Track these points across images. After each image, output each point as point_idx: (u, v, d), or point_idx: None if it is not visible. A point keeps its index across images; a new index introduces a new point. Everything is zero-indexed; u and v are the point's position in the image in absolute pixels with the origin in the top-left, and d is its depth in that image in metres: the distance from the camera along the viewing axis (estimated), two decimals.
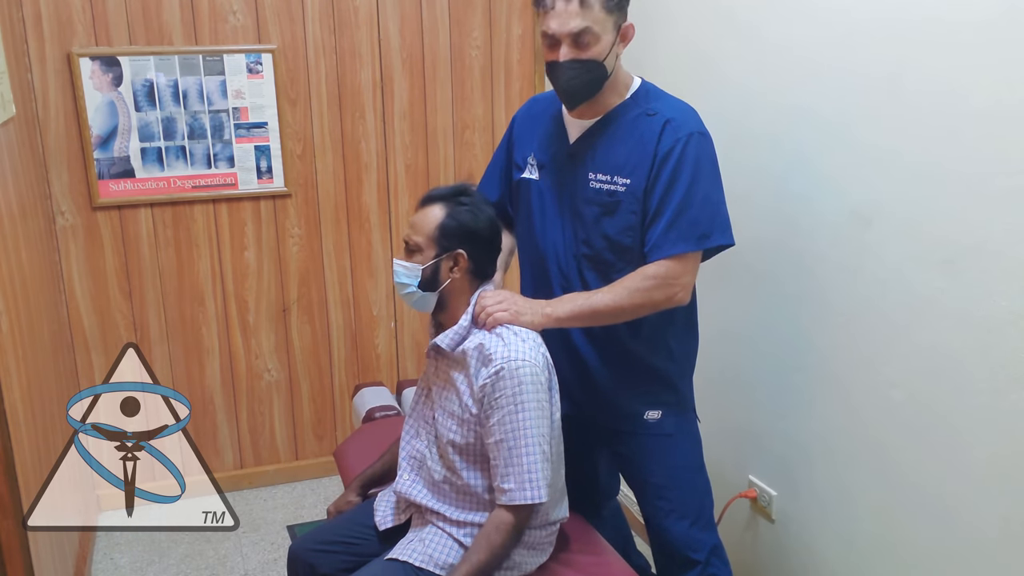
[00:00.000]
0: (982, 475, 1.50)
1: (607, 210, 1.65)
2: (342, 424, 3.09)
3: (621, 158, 1.63)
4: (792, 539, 2.02)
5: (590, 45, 1.54)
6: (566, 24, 1.54)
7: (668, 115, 1.60)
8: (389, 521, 1.73)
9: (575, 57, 1.56)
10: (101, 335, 2.76)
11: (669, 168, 1.57)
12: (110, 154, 2.65)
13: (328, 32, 2.79)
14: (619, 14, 1.56)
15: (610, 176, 1.64)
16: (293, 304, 2.95)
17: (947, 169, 1.50)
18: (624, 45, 1.60)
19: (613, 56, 1.59)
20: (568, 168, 1.70)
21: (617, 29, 1.57)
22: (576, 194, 1.69)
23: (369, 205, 2.95)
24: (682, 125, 1.59)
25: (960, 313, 1.50)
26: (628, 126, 1.63)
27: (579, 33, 1.54)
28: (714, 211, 1.60)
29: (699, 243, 1.58)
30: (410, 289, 1.60)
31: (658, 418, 1.75)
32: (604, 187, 1.64)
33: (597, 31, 1.54)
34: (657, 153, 1.58)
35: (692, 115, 1.63)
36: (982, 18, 1.41)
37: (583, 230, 1.70)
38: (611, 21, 1.55)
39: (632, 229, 1.64)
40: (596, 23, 1.53)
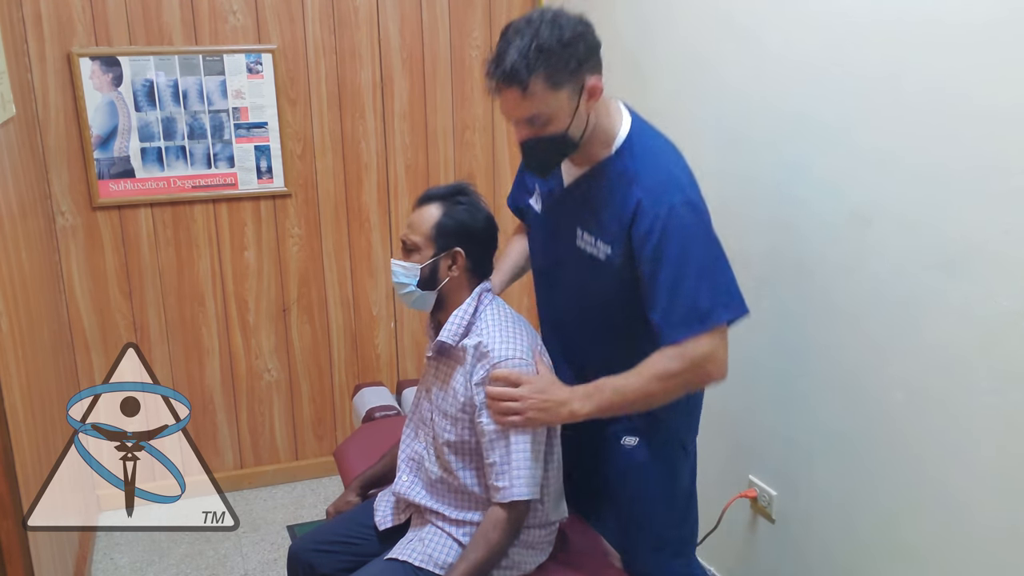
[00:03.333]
0: (984, 475, 1.49)
1: (590, 275, 1.58)
2: (342, 424, 3.10)
3: (604, 223, 1.53)
4: (792, 539, 2.01)
5: (547, 124, 1.44)
6: (513, 112, 1.45)
7: (646, 184, 1.47)
8: (389, 521, 1.73)
9: (533, 135, 1.47)
10: (101, 335, 2.76)
11: (650, 249, 1.45)
12: (110, 154, 2.65)
13: (328, 32, 2.79)
14: (573, 81, 1.42)
15: (594, 239, 1.55)
16: (293, 304, 2.95)
17: (947, 169, 1.50)
18: (595, 100, 1.47)
19: (580, 119, 1.47)
20: (562, 214, 1.64)
21: (578, 93, 1.44)
22: (567, 246, 1.62)
23: (369, 205, 2.95)
24: (659, 199, 1.44)
25: (961, 313, 1.50)
26: (611, 188, 1.52)
27: (529, 118, 1.44)
28: (712, 285, 1.46)
29: (702, 325, 1.44)
30: (409, 289, 1.61)
31: (633, 445, 1.66)
32: (588, 249, 1.57)
33: (549, 111, 1.42)
34: (635, 235, 1.46)
35: (672, 179, 1.48)
36: (982, 19, 1.41)
37: (571, 284, 1.66)
38: (563, 94, 1.42)
39: (610, 304, 1.57)
40: (545, 104, 1.41)
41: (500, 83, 1.42)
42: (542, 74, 1.39)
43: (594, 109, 1.49)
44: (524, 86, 1.40)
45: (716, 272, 1.47)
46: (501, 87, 1.43)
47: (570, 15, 1.44)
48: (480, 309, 1.63)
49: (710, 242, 1.47)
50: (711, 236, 1.48)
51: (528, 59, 1.38)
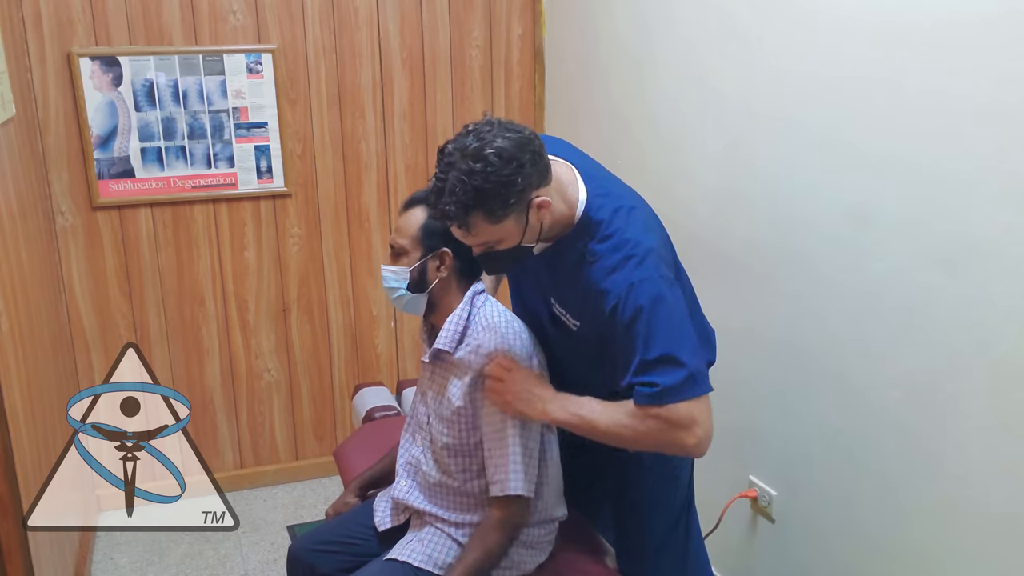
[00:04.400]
0: (983, 475, 1.49)
1: (566, 338, 1.58)
2: (342, 424, 3.09)
3: (571, 300, 1.53)
4: (793, 540, 2.01)
5: (499, 244, 1.44)
6: (464, 240, 1.46)
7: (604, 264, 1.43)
8: (388, 522, 1.73)
9: (488, 251, 1.47)
10: (101, 335, 2.76)
11: (620, 329, 1.41)
12: (110, 154, 2.65)
13: (328, 32, 2.78)
14: (516, 209, 1.39)
15: (566, 311, 1.56)
16: (293, 304, 2.95)
17: (946, 169, 1.49)
18: (546, 211, 1.43)
19: (533, 228, 1.45)
20: (535, 279, 1.63)
21: (524, 213, 1.41)
22: (545, 309, 1.61)
23: (369, 205, 2.95)
24: (619, 280, 1.41)
25: (960, 312, 1.49)
26: (572, 269, 1.50)
27: (480, 245, 1.46)
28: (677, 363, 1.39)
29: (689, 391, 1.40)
30: (399, 292, 1.61)
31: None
32: (562, 318, 1.57)
33: (495, 239, 1.43)
34: (600, 313, 1.44)
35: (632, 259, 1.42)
36: (981, 18, 1.40)
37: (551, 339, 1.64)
38: (508, 222, 1.40)
39: (583, 369, 1.57)
40: (490, 234, 1.41)
41: (442, 219, 1.43)
42: (480, 213, 1.38)
43: (548, 213, 1.45)
44: (464, 226, 1.40)
45: (683, 345, 1.41)
46: (445, 223, 1.43)
47: (505, 132, 1.38)
48: (474, 312, 1.63)
49: (676, 312, 1.42)
50: (677, 305, 1.43)
51: (463, 203, 1.36)
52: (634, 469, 1.68)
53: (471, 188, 1.35)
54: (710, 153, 2.13)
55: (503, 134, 1.38)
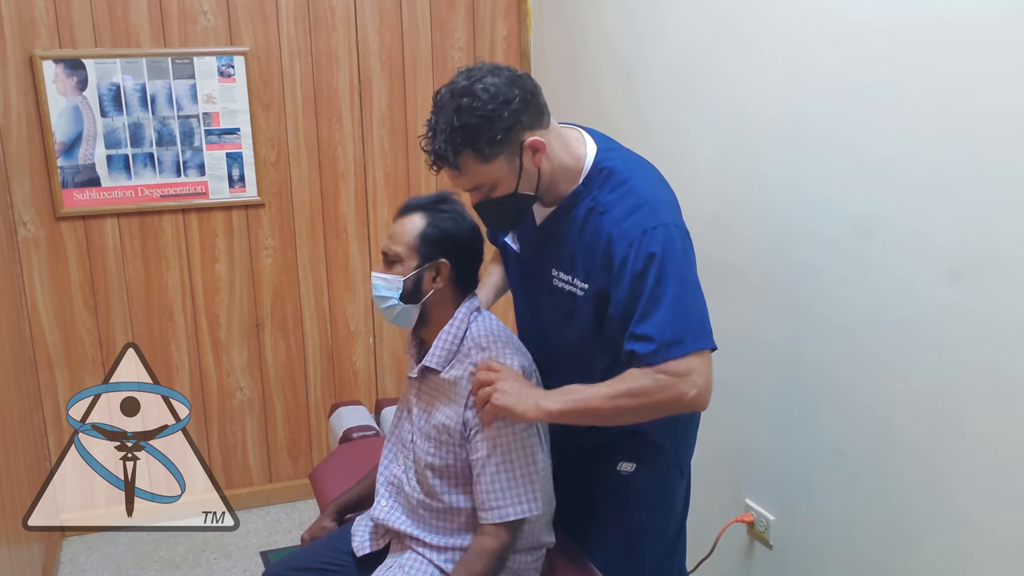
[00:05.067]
0: (992, 496, 1.47)
1: (569, 314, 1.56)
2: (318, 445, 3.08)
3: (578, 260, 1.52)
4: (791, 566, 1.98)
5: (493, 190, 1.45)
6: (457, 185, 1.48)
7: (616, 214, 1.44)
8: (367, 547, 1.70)
9: (484, 199, 1.48)
10: (65, 351, 2.74)
11: (626, 278, 1.42)
12: (74, 162, 2.63)
13: (303, 33, 2.78)
14: (506, 149, 1.41)
15: (570, 277, 1.53)
16: (266, 319, 2.93)
17: (952, 177, 1.48)
18: (542, 155, 1.45)
19: (530, 174, 1.46)
20: (537, 254, 1.62)
21: (517, 155, 1.42)
22: (545, 287, 1.60)
23: (346, 215, 2.94)
24: (631, 225, 1.42)
25: (967, 328, 1.48)
26: (580, 224, 1.50)
27: (473, 189, 1.46)
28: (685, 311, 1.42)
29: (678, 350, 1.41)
30: (391, 302, 1.57)
31: (631, 471, 1.64)
32: (565, 288, 1.55)
33: (489, 180, 1.43)
34: (611, 264, 1.44)
35: (641, 204, 1.44)
36: (987, 20, 1.39)
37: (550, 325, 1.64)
38: (500, 162, 1.41)
39: (587, 340, 1.54)
40: (482, 175, 1.42)
41: (432, 163, 1.45)
42: (469, 152, 1.40)
43: (546, 159, 1.47)
44: (454, 166, 1.42)
45: (690, 299, 1.43)
46: (436, 167, 1.45)
47: (497, 73, 1.42)
48: (469, 329, 1.60)
49: (687, 266, 1.44)
50: (688, 260, 1.45)
51: (452, 141, 1.39)
52: (627, 493, 1.66)
53: (459, 125, 1.38)
54: (705, 159, 2.11)
55: (494, 72, 1.41)
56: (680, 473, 1.71)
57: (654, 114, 2.29)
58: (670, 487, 1.69)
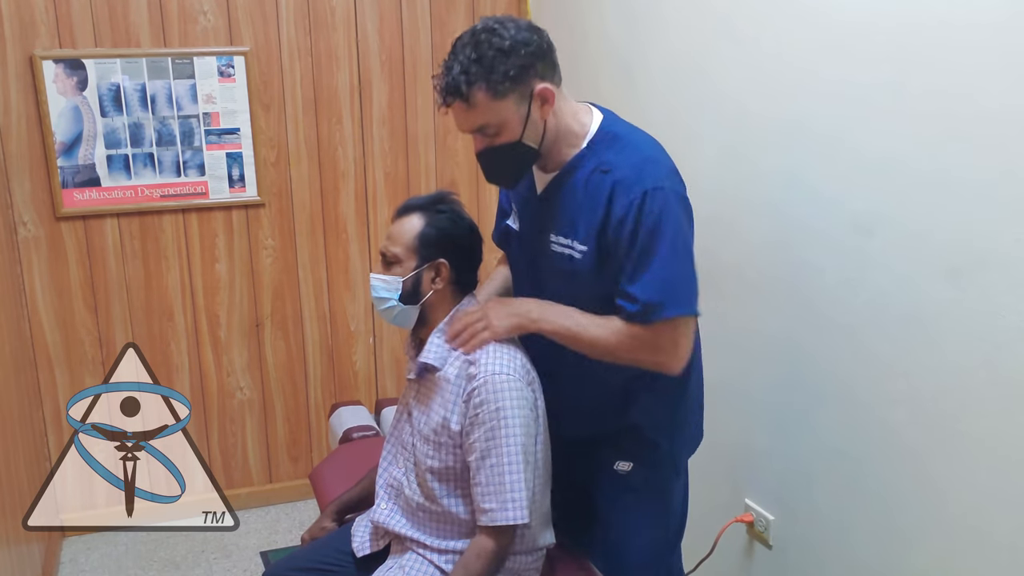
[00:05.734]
0: (991, 498, 1.46)
1: (567, 278, 1.57)
2: (318, 445, 3.07)
3: (578, 221, 1.53)
4: (791, 566, 1.97)
5: (498, 133, 1.47)
6: (463, 124, 1.49)
7: (619, 173, 1.48)
8: (367, 547, 1.69)
9: (488, 146, 1.50)
10: (65, 351, 2.73)
11: (626, 235, 1.45)
12: (75, 162, 2.62)
13: (303, 33, 2.77)
14: (520, 88, 1.44)
15: (569, 240, 1.55)
16: (266, 319, 2.92)
17: (953, 176, 1.47)
18: (550, 106, 1.48)
19: (535, 125, 1.48)
20: (536, 223, 1.63)
21: (527, 100, 1.45)
22: (542, 254, 1.61)
23: (346, 215, 2.93)
24: (634, 183, 1.45)
25: (967, 327, 1.47)
26: (583, 184, 1.52)
27: (479, 128, 1.48)
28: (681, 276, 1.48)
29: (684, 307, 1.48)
30: (390, 303, 1.57)
31: (628, 471, 1.65)
32: (564, 251, 1.56)
33: (496, 120, 1.46)
34: (610, 220, 1.47)
35: (649, 167, 1.48)
36: (988, 19, 1.38)
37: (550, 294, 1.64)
38: (510, 102, 1.44)
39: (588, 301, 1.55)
40: (491, 113, 1.44)
41: (445, 98, 1.47)
42: (482, 85, 1.42)
43: (553, 114, 1.50)
44: (465, 98, 1.44)
45: (679, 265, 1.48)
46: (446, 103, 1.47)
47: (517, 22, 1.46)
48: None
49: (680, 232, 1.48)
50: (683, 226, 1.49)
51: (467, 71, 1.42)
52: (624, 492, 1.66)
53: (476, 57, 1.42)
54: (705, 158, 2.10)
55: (515, 19, 1.47)
56: (676, 472, 1.71)
57: (655, 114, 2.27)
58: (666, 486, 1.69)
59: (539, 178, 1.61)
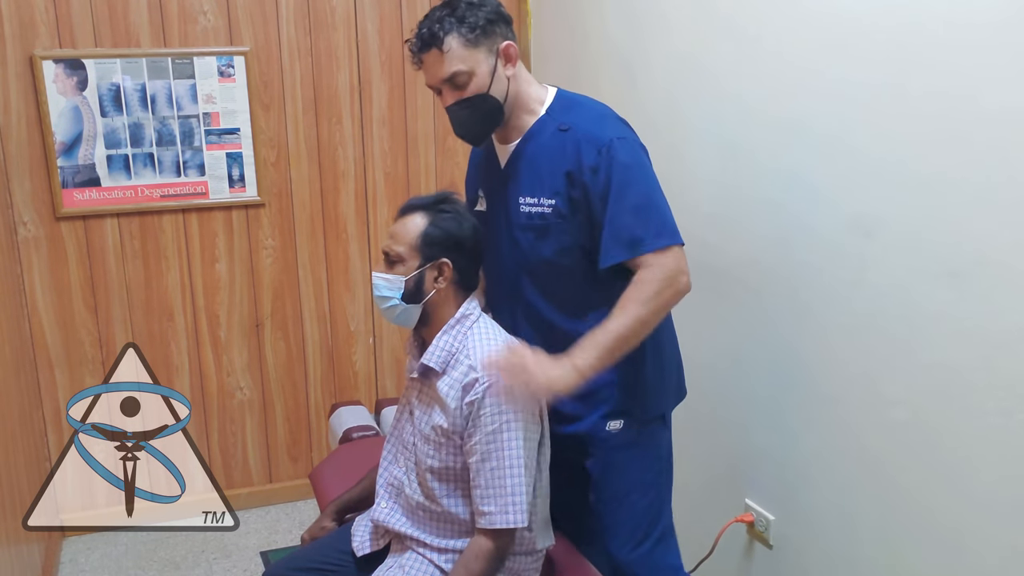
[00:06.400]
0: (989, 499, 1.46)
1: (539, 233, 1.64)
2: (318, 445, 3.06)
3: (545, 179, 1.63)
4: (791, 566, 1.97)
5: (467, 84, 1.57)
6: (436, 75, 1.58)
7: (582, 128, 1.60)
8: (367, 547, 1.69)
9: (458, 99, 1.59)
10: (65, 351, 2.72)
11: (602, 182, 1.56)
12: (75, 162, 2.61)
13: (303, 33, 2.76)
14: (488, 41, 1.57)
15: (537, 199, 1.64)
16: (266, 319, 2.92)
17: (953, 178, 1.47)
18: (512, 64, 1.61)
19: (501, 81, 1.60)
20: (502, 195, 1.70)
21: (494, 55, 1.59)
22: (511, 220, 1.68)
23: (346, 215, 2.92)
24: (599, 135, 1.58)
25: (966, 328, 1.47)
26: (546, 144, 1.63)
27: (451, 77, 1.57)
28: (665, 209, 1.59)
29: (671, 238, 1.56)
30: (392, 302, 1.57)
31: (619, 428, 1.69)
32: (533, 210, 1.64)
33: (467, 69, 1.56)
34: (581, 170, 1.57)
35: (608, 121, 1.63)
36: (989, 19, 1.37)
37: (522, 255, 1.68)
38: (480, 53, 1.57)
39: (567, 250, 1.63)
40: (463, 62, 1.56)
41: (420, 50, 1.58)
42: (455, 33, 1.54)
43: (514, 77, 1.62)
44: (440, 44, 1.55)
45: (661, 202, 1.59)
46: (421, 54, 1.58)
47: None
48: (468, 329, 1.59)
49: (648, 175, 1.60)
50: (648, 170, 1.61)
51: (441, 23, 1.55)
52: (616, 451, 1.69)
53: (447, 11, 1.56)
54: (705, 159, 2.10)
55: None
56: (664, 422, 1.76)
57: (655, 113, 2.27)
58: (655, 438, 1.74)
59: (501, 152, 1.70)
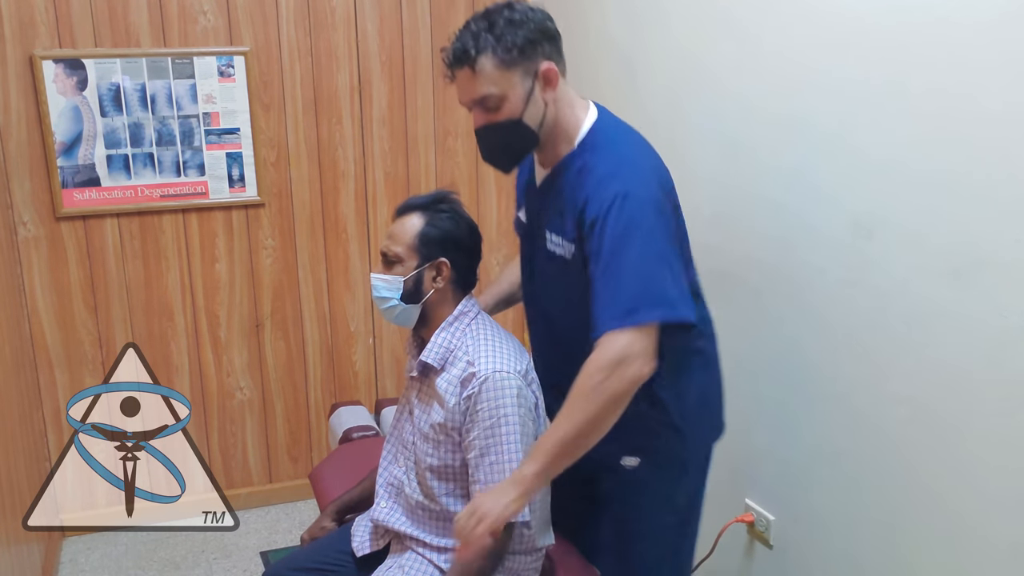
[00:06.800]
0: (992, 497, 1.46)
1: (562, 278, 1.56)
2: (318, 445, 3.06)
3: (567, 219, 1.51)
4: (791, 566, 1.97)
5: (500, 107, 1.46)
6: (466, 94, 1.48)
7: (596, 176, 1.45)
8: (367, 547, 1.70)
9: (487, 122, 1.48)
10: (65, 351, 2.72)
11: (595, 237, 1.42)
12: (74, 161, 2.61)
13: (303, 33, 2.76)
14: (526, 63, 1.44)
15: (560, 238, 1.54)
16: (266, 319, 2.91)
17: (954, 176, 1.47)
18: (553, 88, 1.47)
19: (537, 105, 1.47)
20: (536, 218, 1.63)
21: (532, 77, 1.45)
22: (540, 248, 1.61)
23: (346, 215, 2.92)
24: (609, 186, 1.42)
25: (968, 327, 1.47)
26: (570, 184, 1.50)
27: (481, 99, 1.46)
28: (644, 283, 1.40)
29: (624, 319, 1.39)
30: (392, 303, 1.57)
31: (635, 466, 1.60)
32: (556, 251, 1.55)
33: (499, 92, 1.44)
34: (584, 221, 1.45)
35: (625, 169, 1.46)
36: (991, 17, 1.37)
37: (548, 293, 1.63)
38: (515, 75, 1.44)
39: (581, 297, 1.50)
40: (495, 84, 1.44)
41: (452, 65, 1.47)
42: (489, 53, 1.43)
43: (553, 101, 1.50)
44: (472, 64, 1.44)
45: (650, 273, 1.41)
46: (454, 69, 1.47)
47: (530, 4, 1.49)
48: (466, 326, 1.60)
49: (651, 239, 1.42)
50: (655, 232, 1.42)
51: (477, 39, 1.44)
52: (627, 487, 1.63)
53: (487, 24, 1.44)
54: (706, 158, 2.10)
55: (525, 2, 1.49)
56: (684, 470, 1.66)
57: (656, 112, 2.27)
58: (672, 485, 1.65)
59: (539, 173, 1.61)
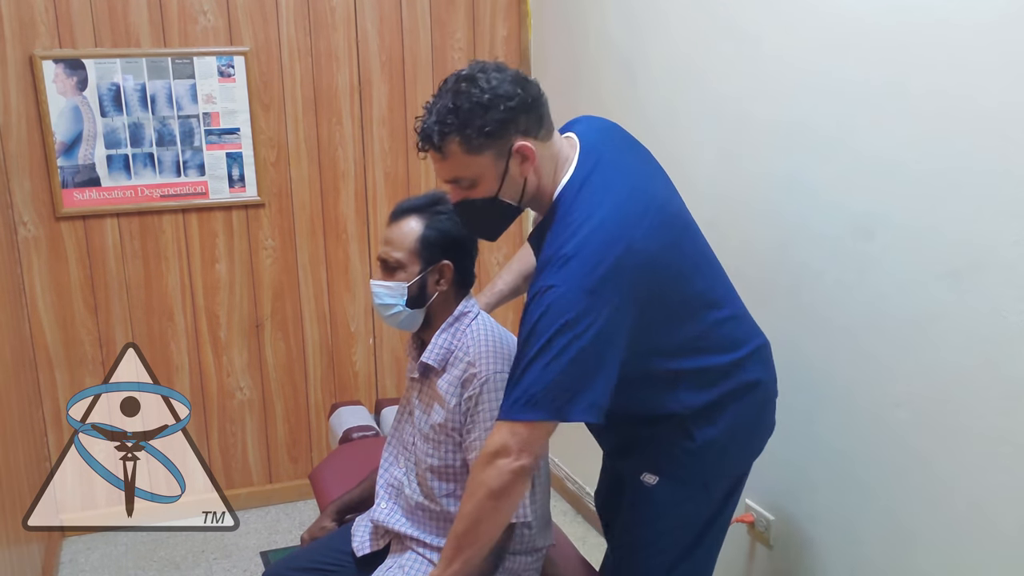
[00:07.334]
0: (991, 499, 1.46)
1: None
2: (318, 445, 3.06)
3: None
4: (791, 567, 1.97)
5: (474, 187, 1.40)
6: (439, 173, 1.43)
7: (543, 257, 1.39)
8: (367, 547, 1.69)
9: (463, 198, 1.43)
10: (65, 351, 2.72)
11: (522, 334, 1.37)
12: (74, 161, 2.61)
13: (303, 33, 2.76)
14: (495, 145, 1.35)
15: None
16: (266, 319, 2.91)
17: (954, 177, 1.47)
18: (530, 164, 1.39)
19: (514, 182, 1.40)
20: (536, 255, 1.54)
21: (505, 157, 1.37)
22: None
23: (346, 215, 2.92)
24: (540, 277, 1.36)
25: (968, 328, 1.47)
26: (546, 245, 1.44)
27: (453, 180, 1.41)
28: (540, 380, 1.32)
29: (508, 412, 1.35)
30: (396, 309, 1.57)
31: (653, 484, 1.55)
32: None
33: (470, 175, 1.38)
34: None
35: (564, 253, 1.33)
36: (990, 18, 1.38)
37: None
38: (485, 158, 1.36)
39: None
40: (464, 167, 1.37)
41: (420, 148, 1.41)
42: (456, 138, 1.35)
43: (533, 172, 1.41)
44: (439, 149, 1.37)
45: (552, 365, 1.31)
46: (422, 148, 1.41)
47: (504, 72, 1.38)
48: (467, 327, 1.59)
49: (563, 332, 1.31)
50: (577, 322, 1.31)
51: (443, 122, 1.35)
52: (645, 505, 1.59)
53: (453, 107, 1.35)
54: (706, 159, 2.10)
55: (501, 68, 1.39)
56: (706, 492, 1.59)
57: (655, 114, 2.27)
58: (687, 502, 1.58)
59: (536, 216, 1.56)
